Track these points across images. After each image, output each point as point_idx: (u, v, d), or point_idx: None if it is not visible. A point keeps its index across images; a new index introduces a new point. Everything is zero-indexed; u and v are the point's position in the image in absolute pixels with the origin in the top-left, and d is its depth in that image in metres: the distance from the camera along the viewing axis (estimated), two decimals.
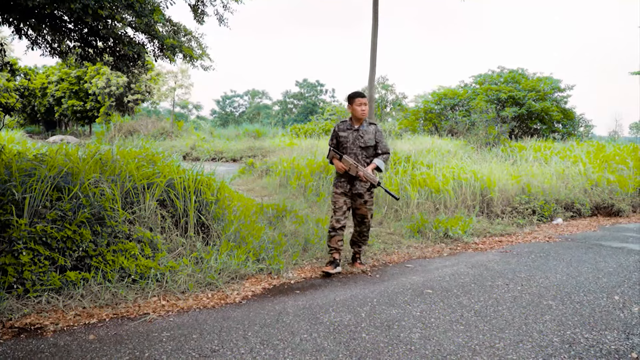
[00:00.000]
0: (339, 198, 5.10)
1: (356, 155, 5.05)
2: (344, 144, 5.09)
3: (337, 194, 5.11)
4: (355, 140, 5.06)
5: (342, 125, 5.18)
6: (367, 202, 5.11)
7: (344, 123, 5.18)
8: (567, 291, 4.47)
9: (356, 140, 5.06)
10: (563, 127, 23.49)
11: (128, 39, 6.12)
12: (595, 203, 9.19)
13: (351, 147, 5.06)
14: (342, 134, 5.12)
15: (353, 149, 5.06)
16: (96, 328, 3.50)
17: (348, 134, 5.09)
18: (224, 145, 23.76)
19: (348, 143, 5.08)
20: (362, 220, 5.20)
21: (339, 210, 5.09)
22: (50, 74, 41.73)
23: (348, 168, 4.96)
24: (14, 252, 3.91)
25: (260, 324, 3.63)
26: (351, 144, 5.06)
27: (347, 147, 5.07)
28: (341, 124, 5.19)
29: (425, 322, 3.72)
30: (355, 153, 5.05)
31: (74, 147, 6.40)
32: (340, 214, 5.08)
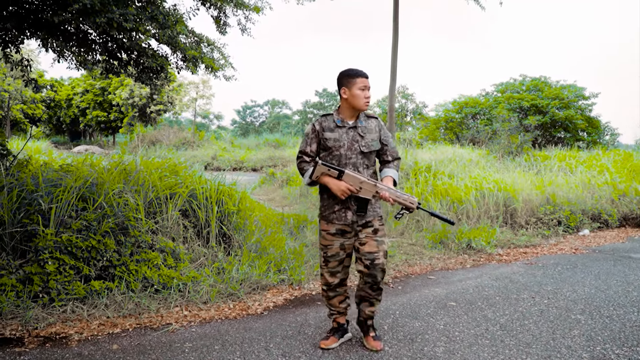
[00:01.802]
0: (332, 240, 3.34)
1: (355, 165, 3.30)
2: (334, 151, 3.29)
3: (330, 235, 3.33)
4: (353, 142, 3.30)
5: (327, 121, 3.35)
6: (377, 231, 3.32)
7: (327, 118, 3.37)
8: (596, 305, 4.36)
9: (354, 143, 3.30)
10: (588, 136, 23.13)
11: (152, 51, 6.21)
12: (623, 214, 8.99)
13: (347, 155, 3.28)
14: (329, 135, 3.30)
15: (351, 157, 3.29)
16: (120, 338, 3.51)
17: (340, 134, 3.29)
18: (245, 155, 23.91)
19: (342, 149, 3.28)
20: (371, 264, 3.26)
21: (333, 260, 3.36)
22: (75, 86, 42.53)
23: (357, 189, 3.20)
24: (40, 261, 3.96)
25: (282, 336, 3.61)
26: (347, 149, 3.28)
27: (340, 156, 3.28)
28: (324, 119, 3.37)
29: (449, 335, 3.65)
30: (355, 163, 3.29)
31: (99, 158, 6.49)
32: (336, 264, 3.38)
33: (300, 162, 3.40)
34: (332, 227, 3.34)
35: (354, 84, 3.28)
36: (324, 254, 3.40)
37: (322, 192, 3.40)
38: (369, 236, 3.30)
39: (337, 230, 3.33)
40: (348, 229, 3.33)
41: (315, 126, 3.37)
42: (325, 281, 3.44)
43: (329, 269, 3.41)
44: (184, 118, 57.85)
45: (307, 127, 3.38)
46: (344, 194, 3.20)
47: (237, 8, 6.71)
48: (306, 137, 3.40)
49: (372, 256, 3.26)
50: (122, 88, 36.21)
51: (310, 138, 3.38)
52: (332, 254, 3.36)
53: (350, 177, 3.20)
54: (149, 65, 6.35)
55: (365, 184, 3.21)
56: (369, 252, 3.27)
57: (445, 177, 9.60)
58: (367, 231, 3.31)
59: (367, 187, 3.21)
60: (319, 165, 3.21)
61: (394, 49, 12.19)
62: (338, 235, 3.33)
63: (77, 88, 41.85)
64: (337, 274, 3.42)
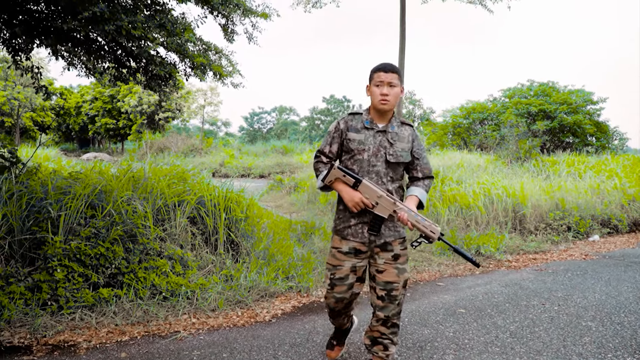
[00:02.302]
0: (343, 260, 2.87)
1: (380, 175, 2.84)
2: (357, 154, 2.85)
3: (342, 253, 2.87)
4: (380, 148, 2.84)
5: (354, 120, 2.92)
6: (398, 257, 2.86)
7: (355, 117, 2.93)
8: (606, 312, 4.32)
9: (381, 150, 2.84)
10: (596, 141, 22.99)
11: (160, 59, 6.24)
12: (633, 219, 8.92)
13: (371, 161, 2.83)
14: (353, 135, 2.87)
15: (375, 165, 2.83)
16: (128, 346, 3.51)
17: (366, 136, 2.86)
18: (252, 161, 23.96)
19: (365, 153, 2.84)
20: (387, 295, 2.83)
21: (341, 284, 2.88)
22: (84, 93, 42.85)
23: (373, 204, 2.75)
24: (48, 269, 3.97)
25: (290, 343, 3.60)
26: (371, 154, 2.83)
27: (362, 161, 2.84)
28: (351, 118, 2.94)
29: (459, 343, 3.63)
30: (378, 172, 2.83)
31: (107, 165, 6.52)
32: (344, 289, 2.89)
33: (317, 162, 2.99)
34: (345, 245, 2.86)
35: (372, 80, 2.88)
36: (330, 276, 2.89)
37: (338, 202, 2.96)
38: (389, 263, 2.83)
39: (351, 249, 2.85)
40: (364, 248, 2.85)
41: (339, 124, 2.94)
42: (330, 304, 2.98)
43: (335, 295, 2.90)
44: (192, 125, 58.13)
45: (332, 124, 2.99)
46: (356, 206, 2.77)
47: (245, 16, 6.74)
48: (328, 135, 2.97)
49: (391, 287, 2.81)
50: (130, 95, 36.43)
51: (332, 137, 2.95)
52: (341, 277, 2.86)
53: (367, 189, 2.74)
54: (157, 72, 6.38)
55: (383, 199, 2.73)
56: (387, 282, 2.81)
57: (454, 183, 9.57)
58: (387, 256, 2.84)
59: (385, 204, 2.73)
60: (335, 169, 2.79)
61: (401, 55, 12.18)
62: (351, 254, 2.85)
63: (86, 96, 42.17)
64: (344, 300, 2.91)
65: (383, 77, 2.82)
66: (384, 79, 2.81)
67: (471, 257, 2.73)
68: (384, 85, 2.81)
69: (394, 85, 2.81)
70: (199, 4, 6.26)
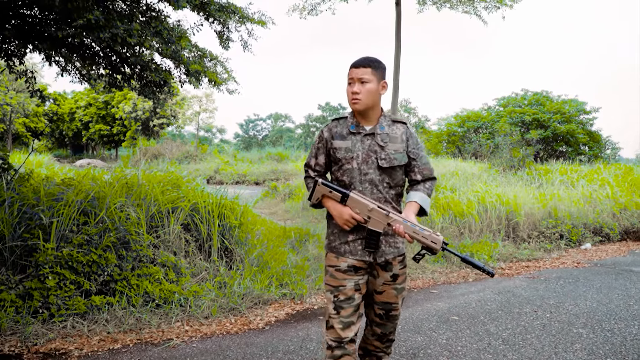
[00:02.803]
0: (344, 279, 2.51)
1: (374, 184, 2.52)
2: (345, 164, 2.54)
3: (341, 272, 2.52)
4: (370, 154, 2.52)
5: (338, 127, 2.61)
6: (397, 277, 2.59)
7: (340, 123, 2.63)
8: (597, 319, 4.34)
9: (371, 155, 2.52)
10: (589, 150, 23.15)
11: (155, 66, 6.25)
12: (625, 227, 8.97)
13: (362, 169, 2.51)
14: (339, 143, 2.56)
15: (367, 173, 2.51)
16: (120, 354, 3.50)
17: (353, 142, 2.54)
18: (247, 168, 23.93)
19: (354, 162, 2.52)
20: (386, 314, 2.64)
21: (348, 305, 2.49)
22: (78, 99, 42.78)
23: (364, 218, 2.45)
24: (40, 276, 3.95)
25: (284, 351, 3.59)
26: (362, 162, 2.51)
27: (352, 171, 2.52)
28: (335, 125, 2.63)
29: (451, 350, 3.63)
30: (372, 180, 2.51)
31: (101, 172, 6.50)
32: (351, 311, 2.50)
33: (305, 178, 2.72)
34: (342, 263, 2.52)
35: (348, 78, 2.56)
36: (334, 299, 2.49)
37: (330, 217, 2.63)
38: (387, 284, 2.57)
39: (350, 267, 2.51)
40: (363, 265, 2.54)
41: (323, 133, 2.61)
42: (337, 336, 2.47)
43: (342, 319, 2.47)
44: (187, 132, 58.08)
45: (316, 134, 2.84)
46: (347, 223, 2.47)
47: (241, 23, 6.77)
48: (313, 147, 2.68)
49: (389, 307, 2.61)
50: (125, 102, 36.40)
51: (317, 148, 2.64)
52: (346, 298, 2.47)
53: (357, 203, 2.44)
54: (152, 79, 6.39)
55: (375, 212, 2.42)
56: (386, 303, 2.60)
57: (448, 191, 9.60)
58: (386, 277, 2.56)
59: (377, 217, 2.42)
60: (319, 186, 2.51)
61: (396, 63, 12.26)
62: (351, 272, 2.51)
63: (80, 102, 42.09)
64: (352, 325, 2.49)
65: (353, 74, 2.51)
66: (354, 76, 2.50)
67: (483, 265, 2.39)
68: (354, 83, 2.50)
69: (366, 81, 2.47)
70: (195, 10, 6.28)
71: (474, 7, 13.10)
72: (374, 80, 2.49)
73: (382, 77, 2.55)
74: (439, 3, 13.33)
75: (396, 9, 12.39)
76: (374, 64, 2.51)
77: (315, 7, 13.74)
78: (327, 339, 2.51)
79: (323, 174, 2.68)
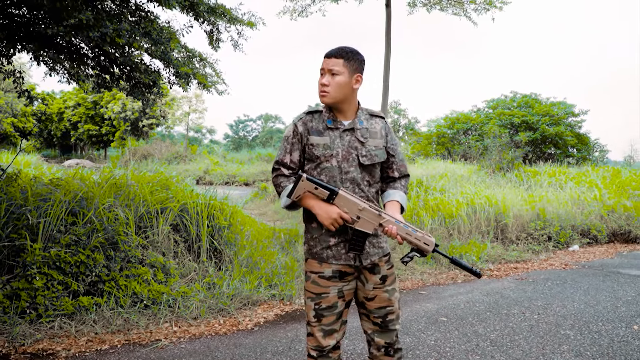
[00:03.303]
0: (328, 287, 2.33)
1: (355, 182, 2.33)
2: (324, 162, 2.33)
3: (325, 279, 2.33)
4: (350, 150, 2.33)
5: (313, 121, 2.38)
6: (385, 279, 2.40)
7: (315, 117, 2.39)
8: (585, 320, 4.38)
9: (352, 152, 2.33)
10: (577, 152, 23.37)
11: (144, 67, 6.22)
12: (612, 229, 9.06)
13: (342, 168, 2.32)
14: (316, 139, 2.33)
15: (348, 171, 2.32)
16: (108, 355, 3.48)
17: (331, 138, 2.34)
18: (237, 169, 23.91)
19: (334, 159, 2.32)
20: (384, 321, 2.39)
21: (330, 313, 2.33)
22: (67, 99, 42.43)
23: (354, 218, 2.24)
24: (27, 276, 3.92)
25: (272, 352, 3.59)
26: (342, 159, 2.32)
27: (331, 169, 2.32)
28: (310, 118, 2.39)
29: (440, 351, 3.65)
30: (353, 179, 2.33)
31: (89, 172, 6.46)
32: (333, 319, 2.34)
33: (277, 177, 2.40)
34: (327, 269, 2.31)
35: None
36: (315, 306, 2.32)
37: (308, 220, 2.39)
38: (378, 287, 2.37)
39: (335, 273, 2.31)
40: (350, 270, 2.34)
41: (297, 127, 2.36)
42: (317, 344, 2.32)
43: (323, 327, 2.32)
44: (176, 132, 57.78)
45: (287, 128, 2.42)
46: (334, 223, 2.24)
47: (231, 24, 6.75)
48: (285, 142, 2.39)
49: (385, 311, 2.37)
50: (114, 102, 36.18)
51: (291, 143, 2.37)
52: (328, 306, 2.31)
53: (346, 201, 2.22)
54: (141, 80, 6.36)
55: (366, 212, 2.23)
56: (380, 308, 2.37)
57: (437, 192, 9.64)
58: (375, 280, 2.37)
59: (369, 217, 2.23)
60: (303, 181, 2.22)
61: (386, 65, 12.30)
62: (335, 279, 2.31)
63: (68, 101, 41.76)
64: (334, 333, 2.33)
65: (324, 64, 2.31)
66: (325, 66, 2.30)
67: (471, 267, 2.30)
68: (325, 74, 2.31)
69: (337, 73, 2.27)
70: (184, 11, 6.26)
71: (463, 9, 13.18)
72: (346, 73, 2.29)
73: (357, 70, 2.33)
74: (429, 5, 13.40)
75: (386, 10, 12.44)
76: (348, 55, 2.30)
77: (305, 8, 13.77)
78: (308, 348, 2.36)
79: (296, 173, 2.38)
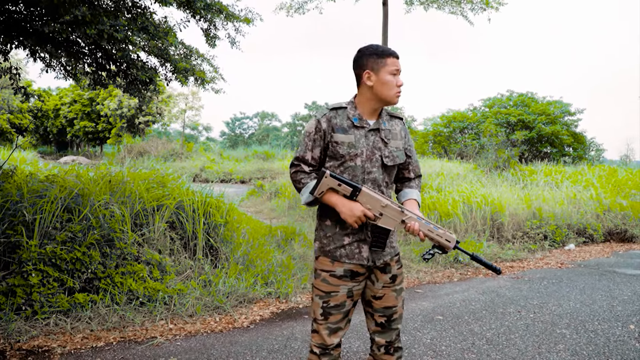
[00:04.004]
0: (338, 285, 2.31)
1: (376, 183, 2.31)
2: (348, 161, 2.29)
3: (336, 278, 2.30)
4: (374, 151, 2.31)
5: (338, 118, 2.32)
6: (395, 278, 2.40)
7: (339, 113, 2.33)
8: (581, 319, 4.39)
9: (375, 152, 2.31)
10: (574, 151, 23.44)
11: (141, 64, 6.19)
12: (608, 229, 9.08)
13: (365, 167, 2.29)
14: (341, 137, 2.28)
15: (371, 171, 2.30)
16: (103, 352, 3.47)
17: (356, 137, 2.29)
18: (233, 166, 23.87)
19: (358, 159, 2.29)
20: (388, 321, 2.40)
21: (337, 312, 2.32)
22: (63, 96, 42.33)
23: (376, 215, 2.23)
24: (23, 273, 3.91)
25: (268, 350, 3.59)
26: (365, 159, 2.29)
27: (354, 169, 2.28)
28: (334, 115, 2.32)
29: (435, 349, 3.65)
30: (375, 179, 2.31)
31: (85, 169, 6.44)
32: (339, 317, 2.32)
33: (297, 173, 2.35)
34: (339, 268, 2.29)
35: (383, 66, 2.26)
36: (323, 304, 2.31)
37: (323, 216, 2.36)
38: (387, 286, 2.36)
39: (346, 272, 2.29)
40: (362, 270, 2.31)
41: (320, 124, 2.30)
42: (322, 341, 2.31)
43: (330, 325, 2.31)
44: (172, 129, 57.77)
45: (309, 122, 2.35)
46: (358, 220, 2.21)
47: (228, 20, 6.73)
48: (306, 138, 2.33)
49: (390, 312, 2.38)
50: (110, 99, 36.11)
51: (313, 140, 2.31)
52: (336, 304, 2.30)
53: (369, 198, 2.20)
54: (138, 77, 6.34)
55: (389, 208, 2.22)
56: (387, 307, 2.37)
57: (433, 190, 9.66)
58: (385, 279, 2.36)
59: (391, 214, 2.23)
60: (327, 177, 2.19)
61: None
62: (346, 278, 2.29)
63: (65, 98, 41.67)
64: (339, 331, 2.33)
65: (399, 65, 2.29)
66: (400, 68, 2.29)
67: (491, 264, 2.33)
68: (397, 74, 2.29)
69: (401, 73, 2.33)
70: (181, 7, 6.24)
71: (460, 8, 13.17)
72: None
73: None
74: (426, 3, 13.38)
75: (383, 8, 12.42)
76: None
77: (302, 5, 13.73)
78: (311, 344, 2.36)
79: (317, 169, 2.36)
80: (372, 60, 2.28)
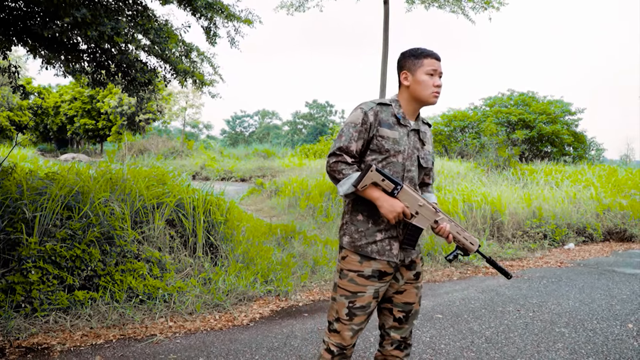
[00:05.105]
0: (366, 286, 2.28)
1: (412, 182, 2.37)
2: (392, 157, 2.29)
3: (364, 277, 2.28)
4: (414, 150, 2.37)
5: (384, 112, 2.32)
6: (419, 275, 2.43)
7: (385, 109, 2.33)
8: (579, 318, 4.39)
9: (414, 152, 2.37)
10: (574, 151, 23.42)
11: (141, 66, 6.19)
12: (608, 228, 9.09)
13: (406, 165, 2.33)
14: (387, 132, 2.29)
15: (410, 170, 2.35)
16: (103, 349, 3.47)
17: (400, 134, 2.31)
18: (234, 164, 23.85)
19: (400, 156, 2.31)
20: (405, 316, 2.40)
21: (362, 313, 2.31)
22: (63, 93, 42.29)
23: (412, 214, 2.27)
24: (22, 270, 3.91)
25: (268, 347, 3.59)
26: (406, 157, 2.33)
27: (395, 165, 2.30)
28: (381, 109, 2.32)
29: (435, 348, 3.66)
30: (412, 178, 2.36)
31: (85, 166, 6.44)
32: (363, 319, 2.32)
33: (338, 163, 2.26)
34: (367, 268, 2.26)
35: (419, 66, 2.31)
36: (349, 304, 2.28)
37: (355, 211, 2.33)
38: (410, 282, 2.39)
39: (374, 272, 2.26)
40: (390, 270, 2.30)
41: (367, 116, 2.27)
42: (341, 341, 2.32)
43: (354, 326, 2.30)
44: (173, 127, 57.71)
45: (354, 113, 2.32)
46: (397, 217, 2.22)
47: (228, 20, 6.72)
48: (351, 127, 2.27)
49: (409, 307, 2.39)
50: (110, 96, 36.07)
51: (359, 131, 2.26)
52: (362, 305, 2.28)
53: (408, 196, 2.24)
54: (137, 77, 6.33)
55: (425, 208, 2.26)
56: (407, 303, 2.39)
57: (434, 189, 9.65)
58: (409, 276, 2.38)
59: (426, 213, 2.27)
60: (372, 171, 2.18)
61: (384, 62, 12.27)
62: (374, 278, 2.27)
63: (65, 95, 41.62)
64: (360, 332, 2.35)
65: (437, 66, 2.33)
66: (439, 68, 2.33)
67: (504, 268, 2.40)
68: (435, 75, 2.32)
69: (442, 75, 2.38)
70: (181, 5, 6.23)
71: (461, 7, 13.15)
72: None
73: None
74: (427, 2, 13.36)
75: (384, 7, 12.40)
76: None
77: (302, 3, 13.71)
78: (329, 343, 2.35)
79: (357, 162, 2.32)
80: (410, 61, 2.34)
